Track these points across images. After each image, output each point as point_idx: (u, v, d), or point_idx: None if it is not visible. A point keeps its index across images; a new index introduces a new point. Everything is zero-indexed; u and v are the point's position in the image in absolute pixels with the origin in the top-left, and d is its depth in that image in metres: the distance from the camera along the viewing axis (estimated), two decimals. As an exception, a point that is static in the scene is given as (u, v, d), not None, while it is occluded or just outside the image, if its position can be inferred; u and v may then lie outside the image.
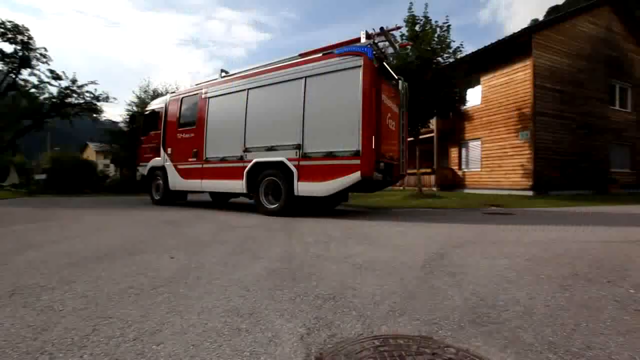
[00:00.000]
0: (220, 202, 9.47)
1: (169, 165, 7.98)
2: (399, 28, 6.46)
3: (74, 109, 19.38)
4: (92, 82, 19.12)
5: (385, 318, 1.49)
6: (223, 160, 6.88)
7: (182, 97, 8.02)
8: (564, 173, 12.62)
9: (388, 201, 9.35)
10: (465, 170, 15.00)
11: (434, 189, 14.76)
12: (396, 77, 6.58)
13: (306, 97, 5.77)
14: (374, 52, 5.45)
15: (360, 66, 5.28)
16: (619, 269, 2.20)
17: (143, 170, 8.90)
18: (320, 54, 5.93)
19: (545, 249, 2.85)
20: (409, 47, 9.92)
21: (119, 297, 1.79)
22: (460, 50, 10.69)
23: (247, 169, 6.37)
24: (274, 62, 6.66)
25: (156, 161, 8.40)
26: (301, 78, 5.87)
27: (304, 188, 5.65)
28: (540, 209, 7.22)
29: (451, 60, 10.67)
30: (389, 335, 1.34)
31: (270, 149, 6.13)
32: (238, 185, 6.53)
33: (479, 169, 14.23)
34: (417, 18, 10.49)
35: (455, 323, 1.43)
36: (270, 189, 6.22)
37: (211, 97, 7.27)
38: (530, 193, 11.92)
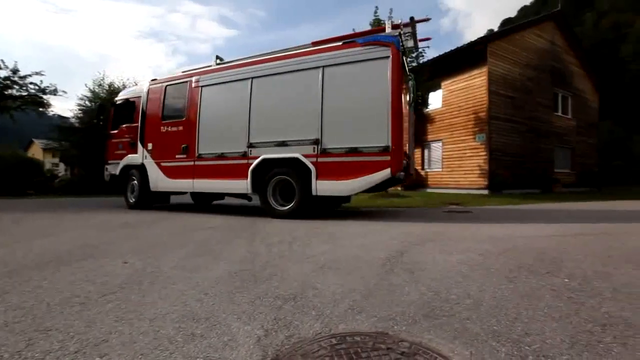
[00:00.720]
0: (204, 204, 8.56)
1: (149, 162, 6.93)
2: (428, 19, 6.07)
3: (16, 102, 17.61)
4: (38, 73, 17.42)
5: (344, 316, 1.51)
6: (221, 156, 6.07)
7: (166, 85, 6.94)
8: (514, 173, 13.60)
9: (354, 200, 9.51)
10: (428, 170, 15.66)
11: (399, 188, 15.26)
12: (408, 73, 6.18)
13: (325, 89, 5.32)
14: (401, 44, 5.11)
15: (387, 57, 4.95)
16: (556, 261, 2.41)
17: (113, 169, 7.60)
18: (340, 43, 5.45)
19: (496, 244, 3.05)
20: (429, 41, 8.20)
21: (61, 307, 1.65)
22: (423, 55, 11.16)
23: (252, 166, 5.66)
24: (279, 50, 6.12)
25: (131, 158, 7.23)
26: (318, 67, 5.40)
27: (324, 187, 5.18)
28: (494, 207, 7.72)
29: (414, 64, 11.09)
30: (346, 333, 1.36)
31: (281, 144, 5.52)
32: (240, 185, 5.79)
33: (441, 169, 14.92)
34: (382, 22, 10.79)
35: (410, 318, 1.48)
36: (279, 189, 5.68)
37: (205, 85, 6.39)
38: (486, 192, 12.70)
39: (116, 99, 8.07)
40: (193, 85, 6.55)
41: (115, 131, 7.72)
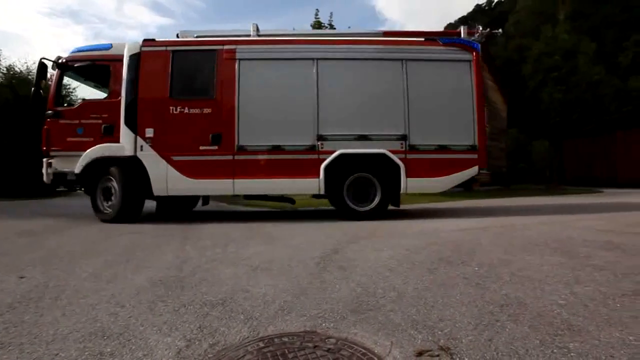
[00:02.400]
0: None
1: (149, 155, 4.94)
2: (499, 32, 6.12)
3: None
4: None
5: (273, 318, 1.49)
6: (276, 150, 5.00)
7: (174, 51, 5.15)
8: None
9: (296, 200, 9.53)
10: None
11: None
12: None
13: (408, 83, 5.11)
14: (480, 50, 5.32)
15: (470, 60, 5.21)
16: (470, 252, 2.70)
17: (64, 164, 5.08)
18: (423, 39, 5.37)
19: (422, 239, 3.31)
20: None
21: None
22: None
23: (326, 162, 4.95)
24: (339, 32, 5.65)
25: (108, 149, 4.97)
26: (399, 60, 5.17)
27: (414, 184, 5.02)
28: (426, 205, 8.40)
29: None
30: (274, 334, 1.34)
31: (362, 137, 5.04)
32: (309, 185, 5.03)
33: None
34: (322, 24, 11.01)
35: (338, 314, 1.52)
36: (353, 187, 5.15)
37: (245, 59, 5.12)
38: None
39: (69, 56, 5.33)
40: (224, 56, 5.10)
41: (68, 107, 5.38)
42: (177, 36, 5.48)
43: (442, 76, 5.24)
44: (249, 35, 5.38)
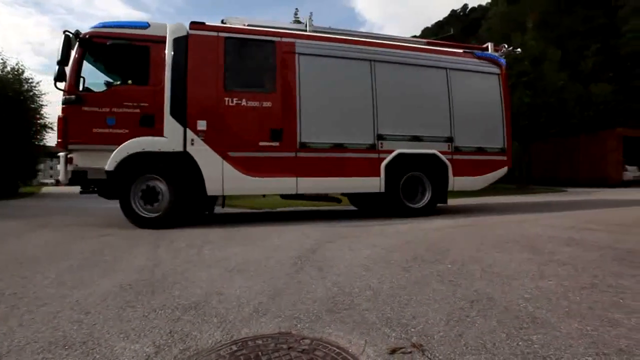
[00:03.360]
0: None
1: (202, 151, 4.49)
2: (517, 49, 6.87)
3: None
4: None
5: (247, 320, 1.47)
6: (339, 147, 4.96)
7: (227, 38, 4.72)
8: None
9: (274, 200, 9.45)
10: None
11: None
12: None
13: (451, 90, 5.57)
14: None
15: (499, 74, 5.91)
16: (444, 249, 2.78)
17: (92, 161, 4.30)
18: (461, 51, 5.94)
19: (398, 238, 3.37)
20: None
21: None
22: None
23: (386, 161, 5.09)
24: (386, 36, 5.91)
25: (149, 143, 4.34)
26: (443, 68, 5.61)
27: (458, 183, 5.46)
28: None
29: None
30: (248, 337, 1.32)
31: (415, 138, 5.31)
32: (370, 183, 5.04)
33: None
34: (301, 23, 10.97)
35: (314, 314, 1.51)
36: (402, 185, 5.32)
37: (304, 54, 4.96)
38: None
39: (95, 31, 4.44)
40: (284, 49, 4.89)
41: (94, 92, 4.49)
42: (222, 22, 5.12)
43: (477, 85, 5.84)
44: (303, 30, 5.30)
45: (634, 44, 31.29)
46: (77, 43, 4.35)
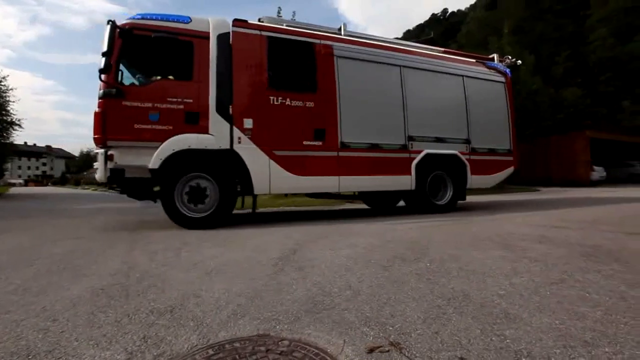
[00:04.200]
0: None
1: (248, 149, 4.46)
2: (517, 62, 7.32)
3: None
4: None
5: (225, 323, 1.44)
6: (375, 148, 5.22)
7: (270, 37, 4.75)
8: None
9: (262, 201, 9.35)
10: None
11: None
12: None
13: (467, 95, 6.08)
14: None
15: (504, 82, 6.57)
16: (423, 248, 2.83)
17: (135, 157, 4.09)
18: (474, 60, 6.52)
19: (379, 238, 3.40)
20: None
21: None
22: None
23: (416, 160, 5.47)
24: (409, 42, 6.36)
25: (195, 140, 4.23)
26: (460, 75, 6.10)
27: (474, 181, 5.97)
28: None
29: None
30: (225, 340, 1.29)
31: (439, 140, 5.74)
32: (403, 182, 5.37)
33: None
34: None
35: (293, 315, 1.50)
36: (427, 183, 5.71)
37: (341, 57, 5.16)
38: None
39: (137, 22, 4.25)
40: (323, 51, 5.05)
41: (135, 86, 4.36)
42: (260, 21, 5.10)
43: (487, 92, 6.40)
44: (336, 33, 5.48)
45: (600, 52, 33.06)
46: (120, 34, 4.11)
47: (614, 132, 22.69)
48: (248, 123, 4.49)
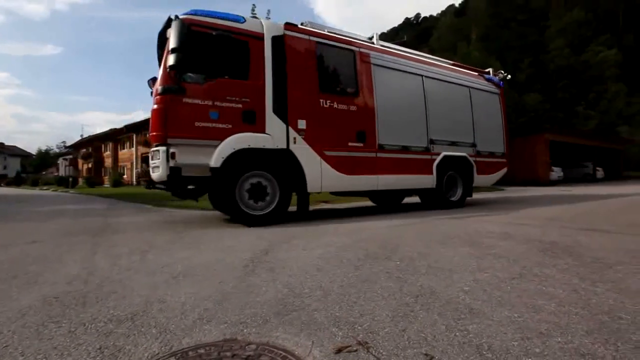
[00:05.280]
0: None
1: (302, 149, 4.61)
2: (508, 76, 8.14)
3: None
4: None
5: (190, 329, 1.38)
6: (404, 149, 5.73)
7: (318, 43, 4.99)
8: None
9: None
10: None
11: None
12: None
13: (473, 104, 6.81)
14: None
15: (499, 94, 7.48)
16: (395, 247, 2.88)
17: (194, 156, 4.00)
18: (477, 73, 7.38)
19: (352, 237, 3.43)
20: None
21: None
22: None
23: (437, 161, 6.06)
24: (427, 55, 6.94)
25: (254, 139, 4.29)
26: (467, 86, 6.84)
27: (479, 180, 6.74)
28: (356, 204, 8.77)
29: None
30: (189, 347, 1.24)
31: (453, 143, 6.39)
32: (427, 180, 5.96)
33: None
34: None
35: (261, 318, 1.47)
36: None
37: (377, 65, 5.56)
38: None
39: (194, 19, 4.15)
40: (362, 58, 5.42)
41: (197, 84, 4.09)
42: (302, 24, 5.19)
43: (486, 102, 7.20)
44: (372, 43, 5.92)
45: (558, 61, 35.37)
46: (181, 29, 3.96)
47: (570, 135, 24.39)
48: (302, 124, 4.67)
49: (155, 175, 4.09)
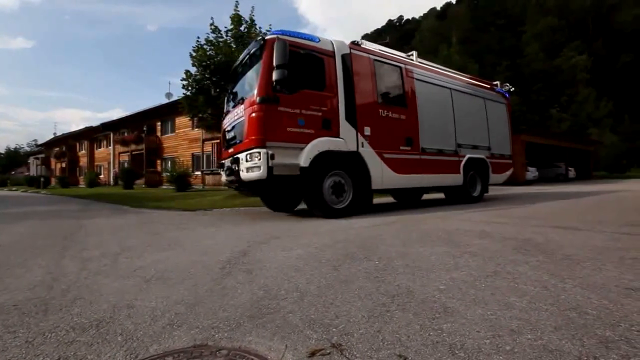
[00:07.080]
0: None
1: (368, 152, 5.45)
2: (511, 88, 9.17)
3: None
4: None
5: (158, 335, 1.33)
6: (440, 152, 6.71)
7: (375, 60, 5.86)
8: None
9: (210, 202, 8.99)
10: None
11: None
12: None
13: (487, 113, 7.88)
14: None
15: (505, 104, 8.65)
16: (374, 247, 2.89)
17: (287, 157, 4.60)
18: (488, 86, 8.42)
19: (332, 237, 3.42)
20: None
21: None
22: None
23: (463, 162, 7.03)
24: (452, 71, 7.84)
25: (333, 143, 5.05)
26: (482, 97, 7.91)
27: (493, 179, 7.83)
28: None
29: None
30: (157, 355, 1.19)
31: (474, 147, 7.40)
32: (457, 179, 6.96)
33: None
34: (242, 18, 10.60)
35: (235, 322, 1.43)
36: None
37: (418, 79, 6.49)
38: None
39: (284, 38, 4.75)
40: (406, 73, 6.32)
41: (287, 94, 4.73)
42: (355, 43, 5.87)
43: (497, 111, 8.29)
44: (412, 60, 6.84)
45: (533, 65, 36.74)
46: (267, 47, 4.78)
47: (544, 136, 25.36)
48: (367, 130, 5.50)
49: (254, 174, 4.55)
